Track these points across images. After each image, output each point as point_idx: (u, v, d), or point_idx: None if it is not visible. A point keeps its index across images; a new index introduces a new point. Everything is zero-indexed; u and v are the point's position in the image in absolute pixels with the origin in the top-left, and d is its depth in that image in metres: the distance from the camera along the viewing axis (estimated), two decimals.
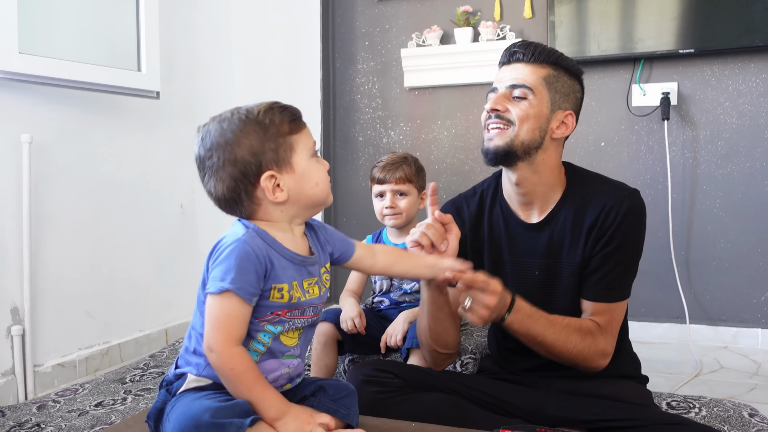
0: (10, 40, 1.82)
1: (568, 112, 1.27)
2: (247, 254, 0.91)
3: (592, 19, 2.48)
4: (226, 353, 0.89)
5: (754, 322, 2.42)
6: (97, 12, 2.18)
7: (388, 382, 1.25)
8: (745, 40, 2.29)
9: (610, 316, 1.25)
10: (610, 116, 2.59)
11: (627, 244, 1.23)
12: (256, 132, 0.94)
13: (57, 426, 1.67)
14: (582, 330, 1.22)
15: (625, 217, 1.22)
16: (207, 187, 0.96)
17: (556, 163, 1.29)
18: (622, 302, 1.27)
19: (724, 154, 2.45)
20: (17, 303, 1.93)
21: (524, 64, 1.27)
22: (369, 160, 2.94)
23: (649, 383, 1.38)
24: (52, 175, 2.04)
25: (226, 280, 0.89)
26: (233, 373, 0.90)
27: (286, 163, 0.95)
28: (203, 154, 0.95)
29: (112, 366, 2.23)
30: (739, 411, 1.64)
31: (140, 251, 2.40)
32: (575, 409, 1.22)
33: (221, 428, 0.84)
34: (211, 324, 0.90)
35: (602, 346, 1.22)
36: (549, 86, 1.25)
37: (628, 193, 1.26)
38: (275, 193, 0.94)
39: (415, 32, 2.79)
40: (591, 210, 1.25)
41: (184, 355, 0.99)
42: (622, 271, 1.25)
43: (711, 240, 2.47)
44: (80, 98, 2.14)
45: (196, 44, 2.72)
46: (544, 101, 1.25)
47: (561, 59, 1.28)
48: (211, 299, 0.91)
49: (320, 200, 0.98)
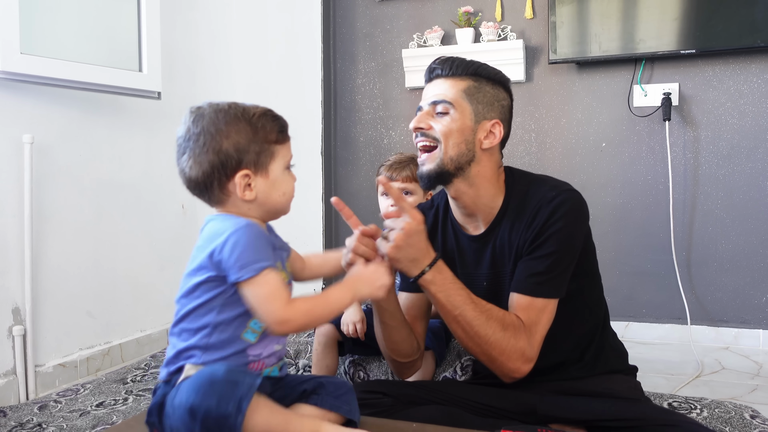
0: (12, 41, 1.82)
1: (493, 121, 1.25)
2: (260, 233, 0.98)
3: (593, 19, 2.48)
4: (293, 311, 0.95)
5: (755, 323, 2.42)
6: (99, 13, 2.19)
7: (378, 403, 1.23)
8: (746, 40, 2.29)
9: (534, 315, 1.19)
10: (611, 117, 2.59)
11: (552, 239, 1.19)
12: (246, 131, 0.99)
13: (58, 426, 1.67)
14: (504, 321, 1.17)
15: (551, 214, 1.20)
16: (182, 165, 1.00)
17: (492, 173, 1.27)
18: (548, 301, 1.20)
19: (726, 155, 2.45)
20: (18, 303, 1.93)
21: (444, 80, 1.26)
22: (370, 161, 2.94)
23: (650, 384, 1.39)
24: (53, 175, 2.05)
25: (261, 259, 0.94)
26: (308, 314, 0.97)
27: (263, 167, 1.01)
28: (191, 134, 0.99)
29: (114, 366, 2.23)
30: (740, 412, 1.64)
31: (141, 251, 2.40)
32: (568, 411, 1.22)
33: (234, 384, 0.89)
34: (266, 301, 0.94)
35: (522, 345, 1.16)
36: (470, 98, 1.24)
37: (559, 192, 1.23)
38: (245, 191, 0.99)
39: (416, 33, 2.79)
40: (527, 214, 1.23)
41: (181, 353, 0.99)
42: (547, 267, 1.19)
43: (712, 240, 2.47)
44: (82, 98, 2.14)
45: (197, 45, 2.72)
46: (467, 114, 1.24)
47: (480, 69, 1.26)
48: (253, 282, 0.94)
49: (282, 209, 1.05)
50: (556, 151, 2.66)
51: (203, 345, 0.98)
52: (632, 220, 2.56)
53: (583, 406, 1.21)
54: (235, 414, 0.87)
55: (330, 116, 2.99)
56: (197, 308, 0.98)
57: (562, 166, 2.64)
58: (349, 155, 2.98)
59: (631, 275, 2.54)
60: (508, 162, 1.36)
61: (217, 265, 0.96)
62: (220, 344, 0.98)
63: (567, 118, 2.65)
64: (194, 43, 2.70)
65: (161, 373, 1.01)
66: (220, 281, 0.97)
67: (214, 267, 0.96)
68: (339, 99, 2.99)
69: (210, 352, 0.97)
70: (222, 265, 0.95)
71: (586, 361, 1.30)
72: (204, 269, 0.98)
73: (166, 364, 1.01)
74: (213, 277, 0.97)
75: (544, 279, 1.19)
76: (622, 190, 2.58)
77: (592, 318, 1.33)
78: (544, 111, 2.67)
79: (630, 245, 2.55)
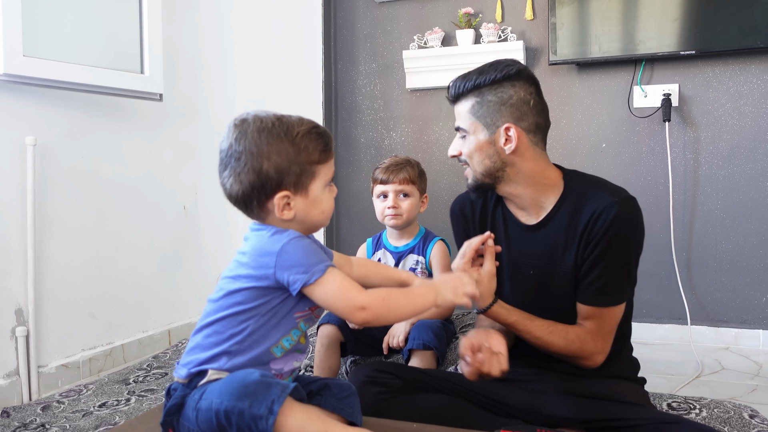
0: (15, 43, 1.83)
1: (504, 126, 1.27)
2: (309, 241, 1.01)
3: (593, 20, 2.48)
4: (370, 297, 0.97)
5: (755, 323, 2.43)
6: (101, 15, 2.20)
7: (390, 383, 1.28)
8: (746, 41, 2.30)
9: (600, 321, 1.27)
10: (611, 117, 2.59)
11: (613, 250, 1.24)
12: (288, 153, 0.98)
13: (61, 426, 1.68)
14: (567, 338, 1.26)
15: (612, 223, 1.22)
16: (224, 181, 1.01)
17: (534, 170, 1.30)
18: (614, 308, 1.28)
19: (726, 156, 2.45)
20: (21, 304, 1.94)
21: (456, 105, 1.33)
22: (371, 162, 2.95)
23: (650, 384, 1.40)
24: (56, 177, 2.06)
25: (322, 260, 0.97)
26: (386, 300, 0.98)
27: (303, 188, 1.01)
28: (233, 151, 0.99)
29: (116, 367, 2.24)
30: (740, 412, 1.65)
31: (143, 252, 2.41)
32: (573, 410, 1.25)
33: (268, 386, 0.89)
34: (341, 293, 0.96)
35: (590, 348, 1.26)
36: (476, 116, 1.29)
37: (619, 199, 1.25)
38: (284, 210, 1.00)
39: (417, 34, 2.80)
40: (584, 214, 1.26)
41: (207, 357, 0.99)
42: (610, 277, 1.25)
43: (712, 241, 2.48)
44: (84, 101, 2.15)
45: (199, 47, 2.73)
46: (480, 131, 1.29)
47: (480, 80, 1.29)
48: (323, 282, 0.96)
49: (320, 225, 1.06)
50: (556, 151, 2.67)
51: (233, 350, 0.98)
52: None
53: (591, 408, 1.24)
54: (267, 416, 0.87)
55: (331, 117, 3.00)
56: (237, 314, 0.98)
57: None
58: (349, 156, 2.99)
59: None
60: None
61: (273, 277, 0.97)
62: (249, 353, 0.98)
63: (567, 119, 2.65)
64: (196, 45, 2.71)
65: (180, 371, 1.00)
66: (267, 291, 0.98)
67: (268, 278, 0.97)
68: (340, 100, 3.00)
69: (237, 357, 0.97)
70: (281, 276, 0.96)
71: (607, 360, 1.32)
72: (252, 278, 0.98)
73: (187, 363, 1.00)
74: (263, 287, 0.97)
75: (608, 290, 1.26)
76: None
77: (623, 327, 1.36)
78: None
79: None
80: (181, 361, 1.02)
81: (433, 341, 1.56)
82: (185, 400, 0.97)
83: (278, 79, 2.95)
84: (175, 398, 0.99)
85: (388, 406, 1.23)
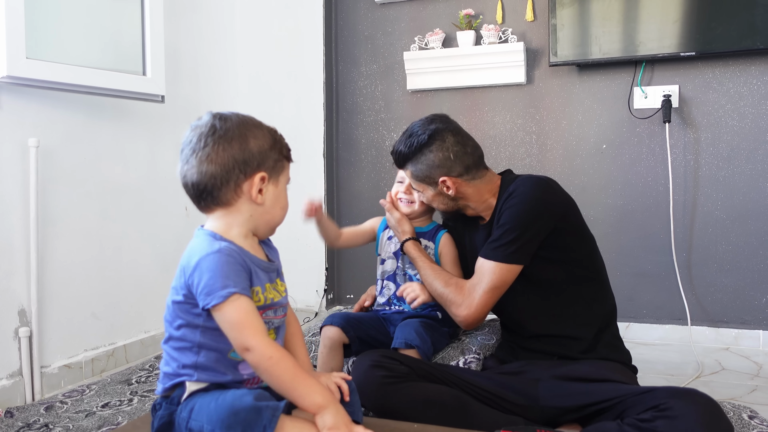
0: (18, 46, 1.84)
1: (440, 180, 1.54)
2: (233, 259, 0.96)
3: (593, 21, 2.49)
4: (262, 344, 0.93)
5: (755, 324, 2.43)
6: (103, 17, 2.20)
7: (395, 368, 1.35)
8: (746, 42, 2.30)
9: (480, 273, 1.47)
10: (611, 119, 2.60)
11: (506, 215, 1.45)
12: (269, 140, 1.03)
13: (65, 426, 1.69)
14: (449, 282, 1.53)
15: (509, 196, 1.47)
16: (200, 157, 0.98)
17: (479, 194, 1.56)
18: (497, 264, 1.44)
19: (726, 157, 2.46)
20: (24, 305, 1.95)
21: (402, 170, 1.65)
22: (372, 163, 2.95)
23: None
24: (58, 178, 2.07)
25: (228, 285, 0.93)
26: (272, 361, 0.93)
27: (275, 177, 1.04)
28: (216, 128, 0.99)
29: (118, 367, 2.25)
30: (739, 413, 1.65)
31: (145, 253, 2.42)
32: (565, 397, 1.33)
33: (258, 412, 0.88)
34: (236, 328, 0.93)
35: (461, 297, 1.48)
36: (418, 179, 1.58)
37: (522, 178, 1.50)
38: (258, 194, 1.01)
39: (418, 35, 2.81)
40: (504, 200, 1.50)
41: (177, 370, 1.00)
42: (500, 236, 1.45)
43: (712, 242, 2.48)
44: (86, 102, 2.16)
45: (201, 48, 2.74)
46: (427, 189, 1.59)
47: (406, 152, 1.57)
48: (221, 308, 0.93)
49: (277, 222, 1.08)
50: (556, 153, 2.68)
51: (194, 364, 0.97)
52: (632, 222, 2.57)
53: (581, 394, 1.32)
54: None
55: (332, 118, 3.00)
56: (181, 326, 0.99)
57: (562, 167, 2.66)
58: (351, 157, 3.00)
59: (632, 276, 2.55)
60: (510, 165, 1.42)
61: (189, 289, 0.96)
62: (211, 363, 0.98)
63: (567, 120, 2.66)
64: (198, 46, 2.72)
65: (158, 388, 1.01)
66: (194, 301, 0.97)
67: (188, 290, 0.97)
68: (341, 101, 3.00)
69: (203, 371, 0.97)
70: (192, 290, 0.96)
71: (587, 341, 1.47)
72: (179, 289, 0.98)
73: (162, 379, 1.01)
74: (191, 298, 0.97)
75: (496, 245, 1.45)
76: (622, 192, 2.59)
77: (596, 306, 1.50)
78: (545, 113, 2.69)
79: (630, 246, 2.57)
80: (159, 379, 1.02)
81: (416, 340, 1.56)
82: (173, 417, 0.97)
83: (279, 81, 2.96)
84: (161, 417, 0.98)
85: (394, 391, 1.30)
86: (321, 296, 2.94)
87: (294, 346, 1.13)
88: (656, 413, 1.18)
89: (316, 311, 2.91)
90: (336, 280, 3.03)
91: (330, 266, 2.97)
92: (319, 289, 2.95)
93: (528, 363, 1.47)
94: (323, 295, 2.94)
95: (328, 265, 2.95)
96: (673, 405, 1.16)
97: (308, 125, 2.93)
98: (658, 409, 1.18)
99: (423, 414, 1.27)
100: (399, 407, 1.29)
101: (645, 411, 1.20)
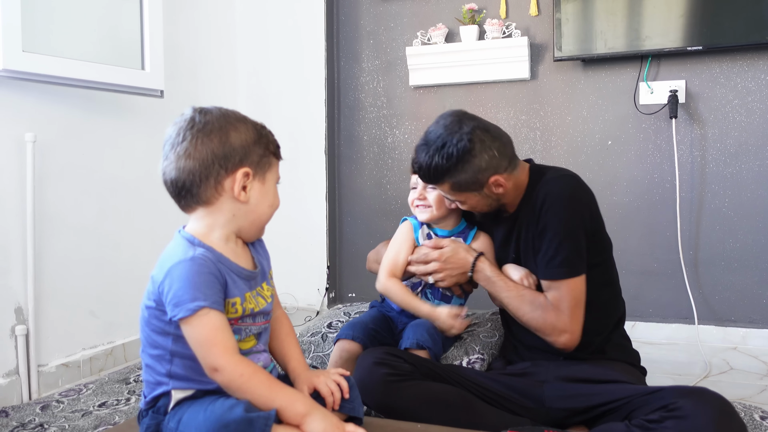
0: (14, 39, 1.81)
1: (491, 180, 1.40)
2: (206, 269, 0.91)
3: (598, 16, 2.45)
4: (231, 363, 0.89)
5: (764, 323, 2.39)
6: (101, 10, 2.18)
7: (399, 366, 1.32)
8: (754, 37, 2.27)
9: (557, 293, 1.37)
10: (617, 114, 2.56)
11: (552, 224, 1.37)
12: (252, 134, 0.98)
13: (60, 426, 1.66)
14: (534, 302, 1.39)
15: (545, 199, 1.38)
16: (177, 153, 0.94)
17: (517, 184, 1.46)
18: (568, 280, 1.36)
19: (733, 153, 2.42)
20: (21, 303, 1.92)
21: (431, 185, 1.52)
22: (374, 160, 2.92)
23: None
24: (55, 173, 2.04)
25: (197, 298, 0.88)
26: (244, 378, 0.89)
27: (261, 173, 0.98)
28: (196, 121, 0.95)
29: (116, 366, 2.22)
30: (750, 413, 1.62)
31: (144, 250, 2.39)
32: (571, 399, 1.31)
33: (250, 423, 0.85)
34: (204, 345, 0.89)
35: (552, 320, 1.36)
36: (460, 190, 1.43)
37: (552, 177, 1.42)
38: (241, 191, 0.96)
39: (420, 30, 2.78)
40: (534, 198, 1.43)
41: (156, 378, 0.96)
42: (555, 250, 1.36)
43: (720, 239, 2.44)
44: (84, 97, 2.13)
45: (200, 43, 2.71)
46: (470, 197, 1.44)
47: (446, 167, 1.38)
48: (189, 322, 0.89)
49: (264, 222, 1.02)
50: (561, 149, 2.64)
51: (168, 373, 0.94)
52: (638, 219, 2.54)
53: (587, 396, 1.30)
54: None
55: (334, 115, 2.97)
56: (155, 332, 0.95)
57: (567, 164, 2.62)
58: (352, 153, 2.97)
59: (638, 274, 2.52)
60: None
61: (160, 296, 0.92)
62: (186, 371, 0.94)
63: (572, 116, 2.62)
64: (197, 41, 2.69)
65: (142, 399, 0.98)
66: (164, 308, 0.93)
67: (159, 297, 0.93)
68: (343, 97, 2.97)
69: (177, 380, 0.93)
70: (162, 298, 0.92)
71: (596, 344, 1.43)
72: (150, 295, 0.95)
73: (144, 388, 0.98)
74: (161, 305, 0.93)
75: (556, 263, 1.36)
76: (628, 189, 2.56)
77: (609, 311, 1.47)
78: (549, 109, 2.65)
79: (636, 244, 2.53)
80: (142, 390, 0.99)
81: (428, 341, 1.53)
82: (160, 428, 0.93)
83: (280, 76, 2.93)
84: (148, 426, 0.95)
85: (397, 389, 1.27)
86: (322, 295, 2.91)
87: (287, 346, 1.09)
88: (665, 413, 1.15)
89: (318, 310, 2.88)
90: (337, 278, 3.00)
91: (331, 265, 2.94)
92: (321, 287, 2.92)
93: (533, 364, 1.44)
94: (324, 293, 2.91)
95: (329, 264, 2.92)
96: (682, 405, 1.14)
97: (310, 121, 2.90)
98: (667, 409, 1.15)
99: (427, 413, 1.24)
100: (402, 406, 1.27)
101: (653, 411, 1.17)
